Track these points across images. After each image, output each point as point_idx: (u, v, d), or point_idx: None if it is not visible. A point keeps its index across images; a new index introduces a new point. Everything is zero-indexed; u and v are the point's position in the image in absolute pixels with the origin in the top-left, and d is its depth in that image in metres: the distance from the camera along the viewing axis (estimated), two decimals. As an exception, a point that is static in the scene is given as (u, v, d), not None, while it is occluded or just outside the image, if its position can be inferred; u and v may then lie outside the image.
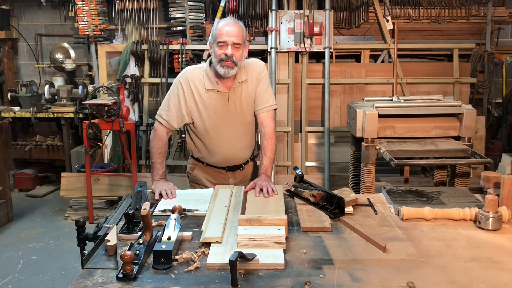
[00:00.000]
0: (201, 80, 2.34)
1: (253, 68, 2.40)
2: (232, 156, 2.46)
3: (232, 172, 2.52)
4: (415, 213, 1.84)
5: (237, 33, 2.23)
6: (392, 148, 2.67)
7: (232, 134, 2.41)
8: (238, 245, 1.57)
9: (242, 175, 2.55)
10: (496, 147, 4.75)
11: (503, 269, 1.47)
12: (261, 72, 2.42)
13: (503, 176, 1.87)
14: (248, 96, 2.39)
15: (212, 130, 2.39)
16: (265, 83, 2.42)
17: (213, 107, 2.35)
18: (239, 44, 2.24)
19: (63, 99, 5.02)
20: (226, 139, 2.41)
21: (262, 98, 2.41)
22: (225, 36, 2.22)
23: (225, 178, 2.52)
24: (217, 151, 2.44)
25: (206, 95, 2.34)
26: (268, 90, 2.44)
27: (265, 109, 2.41)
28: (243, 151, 2.49)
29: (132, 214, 1.72)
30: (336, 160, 4.65)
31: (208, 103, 2.35)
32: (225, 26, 2.24)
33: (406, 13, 4.82)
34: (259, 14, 4.69)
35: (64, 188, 4.46)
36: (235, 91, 2.35)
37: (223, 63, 2.23)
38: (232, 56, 2.22)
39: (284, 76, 4.69)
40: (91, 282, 1.40)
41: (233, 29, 2.23)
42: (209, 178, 2.54)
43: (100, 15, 4.96)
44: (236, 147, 2.45)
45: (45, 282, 3.32)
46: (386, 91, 4.68)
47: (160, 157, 2.40)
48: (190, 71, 2.40)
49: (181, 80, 2.37)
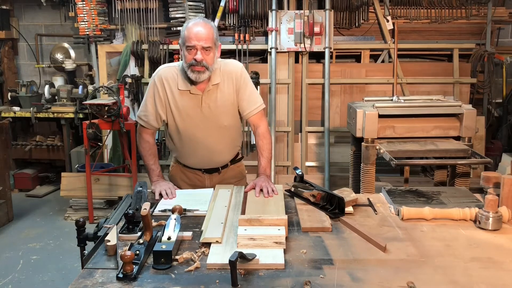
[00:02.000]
0: (175, 80, 2.25)
1: (230, 70, 2.28)
2: (207, 159, 2.38)
3: (208, 175, 2.43)
4: (415, 213, 1.84)
5: (207, 36, 2.10)
6: (392, 148, 2.67)
7: (206, 137, 2.31)
8: (238, 245, 1.57)
9: (219, 178, 2.44)
10: (496, 147, 4.75)
11: (503, 269, 1.47)
12: (240, 76, 2.29)
13: (503, 176, 1.87)
14: (224, 100, 2.27)
15: (185, 132, 2.30)
16: (246, 87, 2.31)
17: (186, 109, 2.25)
18: (209, 47, 2.11)
19: (63, 99, 5.02)
20: (200, 142, 2.32)
21: (247, 102, 2.32)
22: (194, 40, 2.09)
23: (200, 180, 2.43)
24: (191, 153, 2.36)
25: (179, 97, 2.24)
26: (252, 92, 2.34)
27: (253, 112, 2.34)
28: (220, 155, 2.39)
29: (132, 214, 1.72)
30: (336, 160, 4.65)
31: (181, 104, 2.25)
32: (194, 27, 2.10)
33: (406, 13, 4.82)
34: (259, 14, 4.69)
35: (64, 188, 4.46)
36: (209, 94, 2.24)
37: (193, 68, 2.13)
38: (202, 61, 2.10)
39: (284, 76, 4.69)
40: (91, 282, 1.40)
41: (202, 32, 2.09)
42: (184, 178, 2.45)
43: (100, 15, 4.96)
44: (212, 150, 2.34)
45: (45, 282, 3.32)
46: (386, 91, 4.68)
47: (151, 158, 2.37)
48: (164, 69, 2.30)
49: (155, 79, 2.29)
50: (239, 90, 2.30)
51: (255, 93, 2.37)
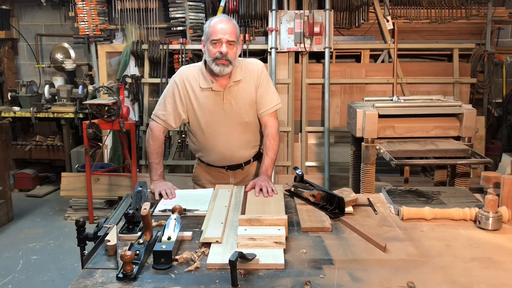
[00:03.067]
0: (196, 79, 2.33)
1: (251, 69, 2.37)
2: (229, 155, 2.43)
3: (232, 172, 2.50)
4: (415, 213, 1.84)
5: (231, 31, 2.21)
6: (392, 148, 2.67)
7: (228, 133, 2.38)
8: (238, 245, 1.57)
9: (242, 175, 2.52)
10: (496, 147, 4.75)
11: (503, 269, 1.47)
12: (260, 74, 2.38)
13: (503, 176, 1.87)
14: (245, 97, 2.35)
15: (207, 129, 2.37)
16: (266, 85, 2.39)
17: (208, 106, 2.33)
18: (233, 41, 2.22)
19: (63, 99, 5.02)
20: (222, 138, 2.38)
21: (264, 100, 2.39)
22: (220, 33, 2.19)
23: (224, 178, 2.50)
24: (214, 150, 2.42)
25: (201, 94, 2.33)
26: (270, 91, 2.41)
27: (268, 111, 2.40)
28: (241, 150, 2.46)
29: (132, 214, 1.72)
30: (336, 160, 4.65)
31: (203, 102, 2.33)
32: (219, 23, 2.21)
33: (406, 13, 4.82)
34: (259, 14, 4.69)
35: (64, 188, 4.46)
36: (230, 90, 2.33)
37: (218, 61, 2.22)
38: (227, 54, 2.20)
39: (284, 76, 4.69)
40: (91, 282, 1.40)
41: (227, 27, 2.21)
42: (209, 178, 2.53)
43: (100, 15, 4.95)
44: (233, 146, 2.41)
45: (45, 282, 3.32)
46: (386, 91, 4.68)
47: (157, 157, 2.40)
48: (185, 70, 2.39)
49: (176, 79, 2.37)
50: (259, 87, 2.37)
51: (273, 92, 2.44)
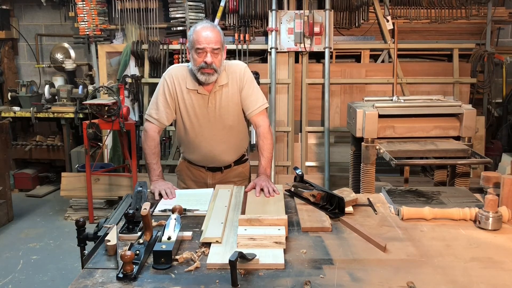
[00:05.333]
0: (184, 78, 2.33)
1: (234, 70, 2.36)
2: (211, 158, 2.43)
3: (211, 173, 2.49)
4: (415, 213, 1.84)
5: (216, 39, 2.18)
6: (392, 148, 2.67)
7: (211, 137, 2.37)
8: (238, 245, 1.57)
9: (221, 177, 2.50)
10: (496, 147, 4.75)
11: (503, 269, 1.47)
12: (244, 76, 2.36)
13: (503, 176, 1.87)
14: (229, 100, 2.35)
15: (191, 130, 2.38)
16: (250, 86, 2.37)
17: (193, 108, 2.34)
18: (218, 48, 2.20)
19: (63, 99, 5.02)
20: (204, 140, 2.38)
21: (250, 101, 2.37)
22: (204, 43, 2.17)
23: (203, 177, 2.50)
24: (196, 150, 2.43)
25: (187, 95, 2.33)
26: (255, 91, 2.39)
27: (256, 111, 2.38)
28: (223, 154, 2.44)
29: (132, 214, 1.72)
30: (336, 160, 4.65)
31: (188, 103, 2.33)
32: (202, 31, 2.18)
33: (406, 13, 4.82)
34: (259, 14, 4.69)
35: (64, 188, 4.46)
36: (215, 94, 2.32)
37: (203, 70, 2.21)
38: (212, 63, 2.19)
39: (284, 76, 4.69)
40: (91, 282, 1.40)
41: (211, 35, 2.18)
42: (189, 174, 2.53)
43: (100, 15, 4.95)
44: (216, 150, 2.41)
45: (45, 282, 3.32)
46: (386, 91, 4.68)
47: (155, 158, 2.39)
48: (174, 68, 2.40)
49: (166, 77, 2.37)
50: (243, 89, 2.36)
51: (258, 92, 2.42)
